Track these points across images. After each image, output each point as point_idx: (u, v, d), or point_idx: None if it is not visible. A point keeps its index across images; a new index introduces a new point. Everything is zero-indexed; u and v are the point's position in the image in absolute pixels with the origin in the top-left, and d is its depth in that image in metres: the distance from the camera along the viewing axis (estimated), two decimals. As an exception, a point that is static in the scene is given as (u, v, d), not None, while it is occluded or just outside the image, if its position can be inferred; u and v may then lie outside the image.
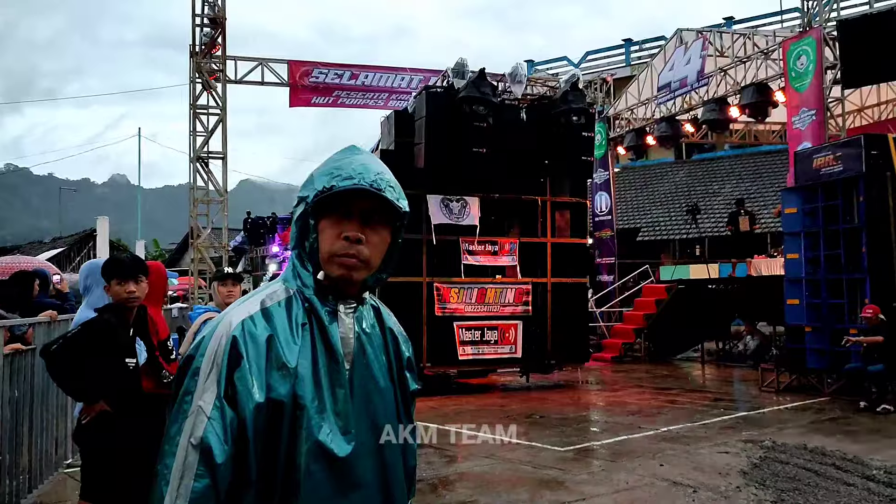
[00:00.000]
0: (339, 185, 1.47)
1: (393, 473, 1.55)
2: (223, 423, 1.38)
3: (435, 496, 6.02)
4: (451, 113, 11.36)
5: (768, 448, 7.46)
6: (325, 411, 1.45)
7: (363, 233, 1.50)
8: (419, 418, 9.59)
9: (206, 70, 13.63)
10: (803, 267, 11.27)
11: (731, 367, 15.24)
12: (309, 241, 1.51)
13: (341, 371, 1.49)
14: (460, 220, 11.89)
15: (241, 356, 1.41)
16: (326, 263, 1.50)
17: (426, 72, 18.60)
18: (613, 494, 5.95)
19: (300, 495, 1.41)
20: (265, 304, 1.49)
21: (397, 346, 1.66)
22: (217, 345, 1.43)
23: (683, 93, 16.83)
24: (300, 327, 1.48)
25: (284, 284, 1.55)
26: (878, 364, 9.63)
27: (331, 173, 1.50)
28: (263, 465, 1.41)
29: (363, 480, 1.48)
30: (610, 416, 9.95)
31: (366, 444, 1.50)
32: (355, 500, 1.47)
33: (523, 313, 12.19)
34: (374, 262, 1.53)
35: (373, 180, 1.49)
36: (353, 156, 1.55)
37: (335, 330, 1.51)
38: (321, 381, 1.46)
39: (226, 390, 1.39)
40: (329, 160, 1.57)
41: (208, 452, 1.36)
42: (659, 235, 24.67)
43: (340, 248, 1.49)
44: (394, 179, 1.56)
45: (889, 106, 17.95)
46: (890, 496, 5.70)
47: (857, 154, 10.58)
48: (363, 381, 1.53)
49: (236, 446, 1.38)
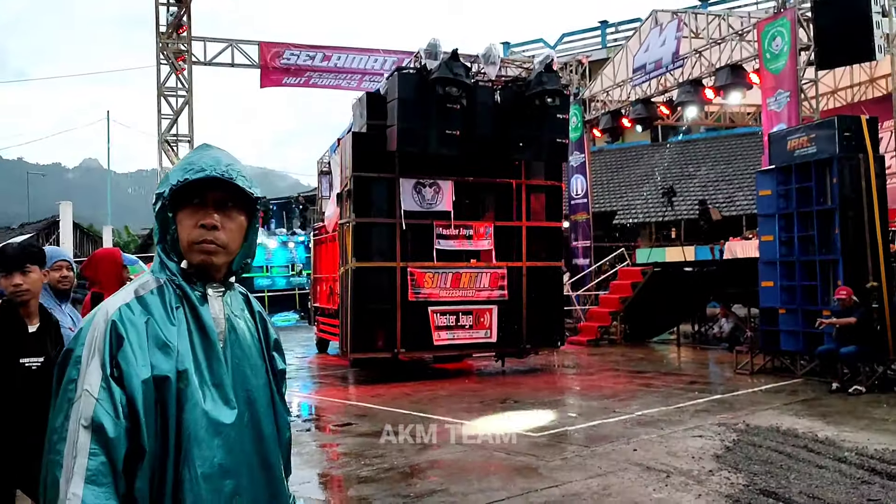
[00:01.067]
0: (192, 177, 1.57)
1: (270, 444, 1.68)
2: (112, 401, 1.45)
3: (405, 485, 5.91)
4: (423, 94, 11.04)
5: (741, 431, 7.44)
6: (206, 384, 1.56)
7: (219, 220, 1.61)
8: (394, 404, 9.53)
9: (172, 51, 13.28)
10: (777, 249, 11.27)
11: (706, 350, 15.30)
12: (170, 233, 1.61)
13: (216, 348, 1.60)
14: (433, 205, 11.71)
15: (123, 338, 1.49)
16: (187, 252, 1.61)
17: (400, 53, 18.36)
18: (586, 480, 5.88)
19: (192, 462, 1.51)
20: (139, 293, 1.58)
21: (266, 328, 1.79)
22: (95, 332, 1.50)
23: (658, 74, 16.75)
24: (174, 310, 1.58)
25: (154, 275, 1.63)
26: (850, 346, 9.65)
27: (184, 168, 1.60)
28: (155, 437, 1.49)
29: (246, 448, 1.61)
30: (585, 401, 9.91)
31: (244, 416, 1.61)
32: (241, 467, 1.59)
33: (498, 298, 12.06)
34: (232, 247, 1.64)
35: (223, 170, 1.60)
36: (205, 151, 1.66)
37: (206, 311, 1.62)
38: (199, 357, 1.57)
39: (111, 371, 1.47)
40: (183, 158, 1.67)
41: (100, 429, 1.42)
42: (635, 218, 24.69)
43: (198, 235, 1.59)
44: (245, 170, 1.66)
45: (862, 88, 18.00)
46: (861, 478, 5.68)
47: (830, 135, 10.56)
48: (237, 359, 1.64)
49: (128, 421, 1.45)
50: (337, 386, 11.67)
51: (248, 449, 1.61)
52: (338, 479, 6.38)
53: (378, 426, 8.23)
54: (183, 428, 1.51)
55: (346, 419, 8.83)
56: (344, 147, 12.16)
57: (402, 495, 5.62)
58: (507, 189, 12.38)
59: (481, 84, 11.96)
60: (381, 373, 12.03)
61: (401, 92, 11.07)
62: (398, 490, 5.76)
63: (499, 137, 11.71)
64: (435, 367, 13.05)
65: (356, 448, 7.24)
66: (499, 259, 12.16)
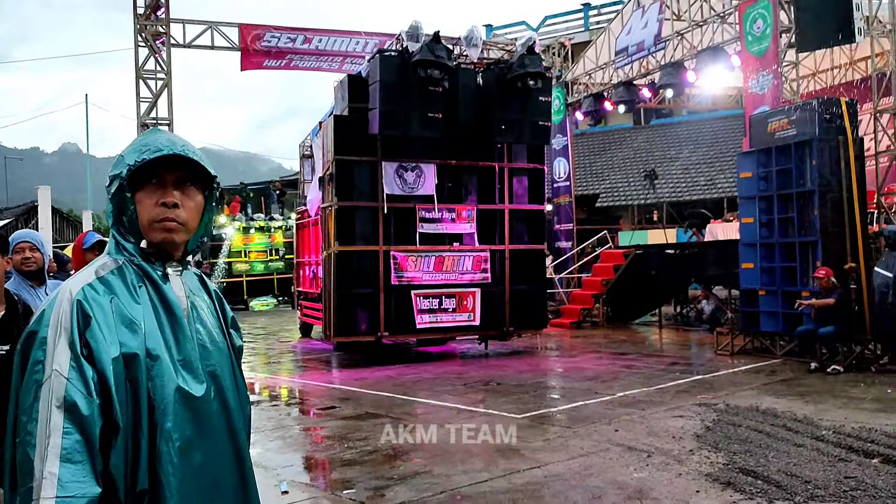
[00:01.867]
0: (150, 157, 1.59)
1: (235, 417, 1.72)
2: (83, 379, 1.45)
3: (389, 467, 5.93)
4: (405, 77, 10.96)
5: (721, 411, 7.53)
6: (175, 360, 1.58)
7: (179, 198, 1.64)
8: (378, 388, 9.55)
9: (150, 33, 13.09)
10: (758, 231, 11.36)
11: (687, 332, 15.43)
12: (127, 214, 1.62)
13: (182, 324, 1.63)
14: (415, 189, 11.71)
15: (90, 316, 1.50)
16: (148, 230, 1.63)
17: (382, 35, 18.21)
18: (568, 461, 5.93)
19: (168, 435, 1.52)
20: (99, 273, 1.60)
21: (223, 306, 1.83)
22: (60, 312, 1.50)
23: (641, 57, 16.76)
24: (137, 289, 1.60)
25: (111, 257, 1.65)
26: (828, 326, 9.77)
27: (139, 150, 1.61)
28: (129, 412, 1.50)
29: (214, 421, 1.64)
30: (567, 383, 9.97)
31: (211, 390, 1.65)
32: (209, 439, 1.62)
33: (481, 280, 12.11)
34: (191, 225, 1.68)
35: (181, 150, 1.63)
36: (158, 134, 1.68)
37: (170, 289, 1.65)
38: (166, 334, 1.59)
39: (81, 350, 1.47)
40: (135, 141, 1.68)
41: (73, 408, 1.42)
42: (617, 201, 24.77)
43: (158, 213, 1.62)
44: (199, 151, 1.69)
45: (842, 70, 18.10)
46: (838, 456, 5.76)
47: (810, 118, 10.63)
48: (200, 335, 1.68)
49: (101, 398, 1.46)
50: (321, 370, 11.67)
51: (217, 422, 1.65)
52: (321, 461, 6.39)
53: (361, 409, 8.25)
54: (156, 403, 1.52)
55: (329, 402, 8.84)
56: (326, 130, 12.10)
57: (385, 477, 5.65)
58: (490, 172, 12.38)
59: (463, 66, 11.96)
60: (364, 356, 12.05)
61: (382, 74, 10.99)
62: (382, 472, 5.79)
63: (481, 120, 11.69)
64: (419, 351, 13.08)
65: (340, 431, 7.26)
66: (481, 242, 12.19)
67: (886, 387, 8.69)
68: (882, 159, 12.71)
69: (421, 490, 5.30)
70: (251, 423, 1.91)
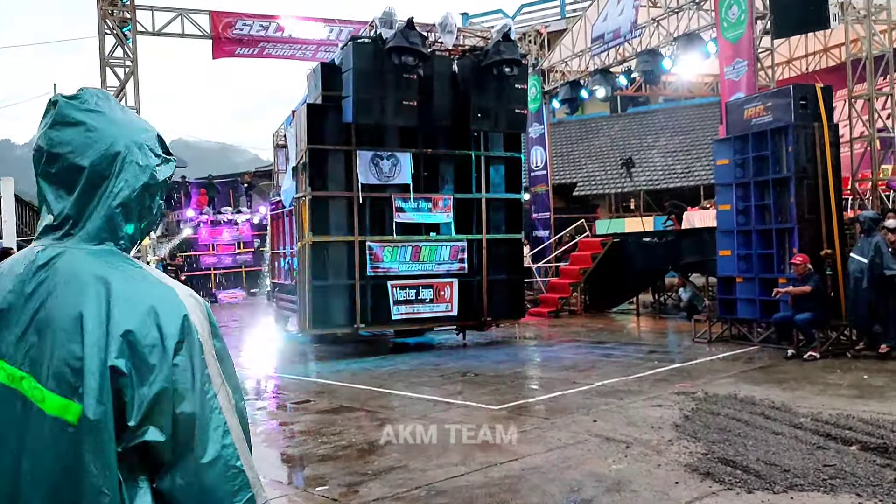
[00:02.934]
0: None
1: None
2: None
3: (363, 462, 5.80)
4: (379, 64, 10.78)
5: (700, 399, 7.48)
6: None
7: None
8: (354, 380, 9.40)
9: (117, 20, 12.77)
10: (735, 218, 11.34)
11: (665, 319, 15.44)
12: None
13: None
14: (391, 178, 11.55)
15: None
16: None
17: (356, 23, 17.96)
18: (546, 453, 5.83)
19: None
20: None
21: None
22: None
23: (617, 44, 16.66)
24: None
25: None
26: (805, 313, 9.77)
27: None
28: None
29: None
30: (545, 373, 9.90)
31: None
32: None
33: (459, 271, 12.01)
34: None
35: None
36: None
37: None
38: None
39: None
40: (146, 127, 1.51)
41: None
42: (595, 189, 24.76)
43: None
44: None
45: (816, 57, 18.16)
46: (817, 444, 5.72)
47: (786, 104, 10.60)
48: None
49: None
50: (296, 362, 11.50)
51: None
52: (295, 457, 6.24)
53: (337, 403, 8.11)
54: None
55: (304, 396, 8.69)
56: (299, 119, 11.89)
57: (359, 473, 5.52)
58: (467, 161, 12.24)
59: (438, 53, 11.77)
60: (341, 348, 11.90)
61: (356, 62, 10.79)
62: (356, 468, 5.66)
63: (457, 108, 11.54)
64: (396, 342, 12.94)
65: (314, 425, 7.11)
66: (458, 232, 12.06)
67: (862, 372, 8.70)
68: (857, 145, 12.74)
69: (395, 486, 5.18)
70: None
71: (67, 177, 1.40)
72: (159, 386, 1.26)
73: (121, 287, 1.32)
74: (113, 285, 1.32)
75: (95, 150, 1.40)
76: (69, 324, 1.28)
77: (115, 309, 1.29)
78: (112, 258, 1.39)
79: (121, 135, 1.43)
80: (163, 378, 1.27)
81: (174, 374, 1.28)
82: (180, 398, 1.27)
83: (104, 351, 1.26)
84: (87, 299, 1.30)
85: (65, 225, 1.40)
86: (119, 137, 1.42)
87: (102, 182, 1.40)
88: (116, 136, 1.42)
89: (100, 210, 1.40)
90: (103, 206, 1.40)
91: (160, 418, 1.26)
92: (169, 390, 1.27)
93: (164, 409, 1.27)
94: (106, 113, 1.44)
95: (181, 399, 1.27)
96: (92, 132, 1.41)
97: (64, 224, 1.40)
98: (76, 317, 1.28)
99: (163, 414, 1.26)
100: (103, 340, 1.27)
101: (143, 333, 1.28)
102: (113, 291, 1.31)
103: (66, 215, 1.40)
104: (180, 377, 1.28)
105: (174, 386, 1.27)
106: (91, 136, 1.40)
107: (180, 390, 1.28)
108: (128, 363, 1.26)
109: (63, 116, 1.42)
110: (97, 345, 1.26)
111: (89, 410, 1.23)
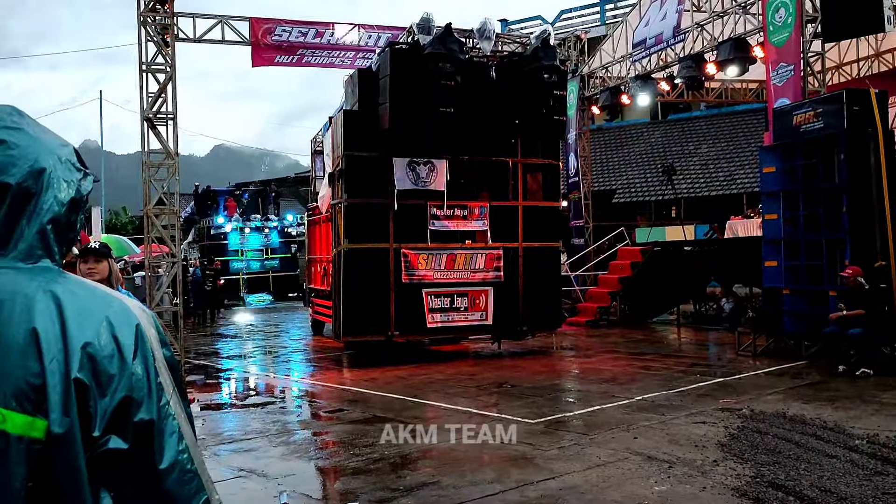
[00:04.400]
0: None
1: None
2: None
3: (395, 476, 5.63)
4: (416, 71, 10.63)
5: (746, 417, 7.16)
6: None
7: None
8: (388, 389, 9.24)
9: (158, 26, 12.87)
10: (782, 228, 10.95)
11: (706, 331, 15.03)
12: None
13: None
14: (427, 184, 11.44)
15: None
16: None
17: (395, 29, 17.89)
18: (585, 472, 5.60)
19: None
20: None
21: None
22: None
23: (659, 49, 16.31)
24: None
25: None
26: (857, 327, 9.36)
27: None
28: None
29: None
30: (583, 385, 9.65)
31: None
32: None
33: (494, 279, 11.83)
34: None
35: None
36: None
37: None
38: None
39: None
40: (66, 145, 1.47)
41: None
42: (634, 197, 24.35)
43: None
44: None
45: (867, 62, 17.58)
46: (874, 469, 5.40)
47: (838, 110, 10.20)
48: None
49: None
50: (330, 370, 11.40)
51: None
52: (326, 470, 6.11)
53: (370, 413, 7.97)
54: None
55: (338, 405, 8.57)
56: (336, 126, 11.86)
57: (390, 488, 5.35)
58: (504, 168, 12.07)
59: (476, 60, 11.62)
60: (376, 355, 11.76)
61: (393, 68, 10.67)
62: (387, 482, 5.49)
63: (495, 115, 11.36)
64: (431, 350, 12.78)
65: (346, 436, 6.97)
66: (494, 240, 11.89)
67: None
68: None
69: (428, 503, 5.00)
70: None
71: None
72: (121, 395, 1.27)
73: (71, 301, 1.31)
74: (63, 299, 1.31)
75: (20, 167, 1.36)
76: (22, 340, 1.26)
77: (70, 322, 1.29)
78: (52, 274, 1.36)
79: (43, 151, 1.40)
80: (123, 387, 1.28)
81: (132, 383, 1.29)
82: (138, 406, 1.29)
83: (65, 364, 1.25)
84: (39, 315, 1.28)
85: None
86: (42, 153, 1.39)
87: (30, 200, 1.36)
88: (39, 153, 1.38)
89: (31, 228, 1.36)
90: (34, 224, 1.36)
91: (122, 427, 1.27)
92: (128, 398, 1.28)
93: (125, 417, 1.28)
94: (24, 129, 1.40)
95: (139, 406, 1.29)
96: (13, 150, 1.36)
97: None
98: (29, 332, 1.26)
99: (124, 422, 1.28)
100: (62, 354, 1.26)
101: (101, 345, 1.29)
102: (64, 305, 1.30)
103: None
104: (137, 385, 1.29)
105: (133, 394, 1.29)
106: (13, 154, 1.36)
107: (137, 398, 1.29)
108: (89, 375, 1.26)
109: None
110: (56, 359, 1.25)
111: (55, 425, 1.22)
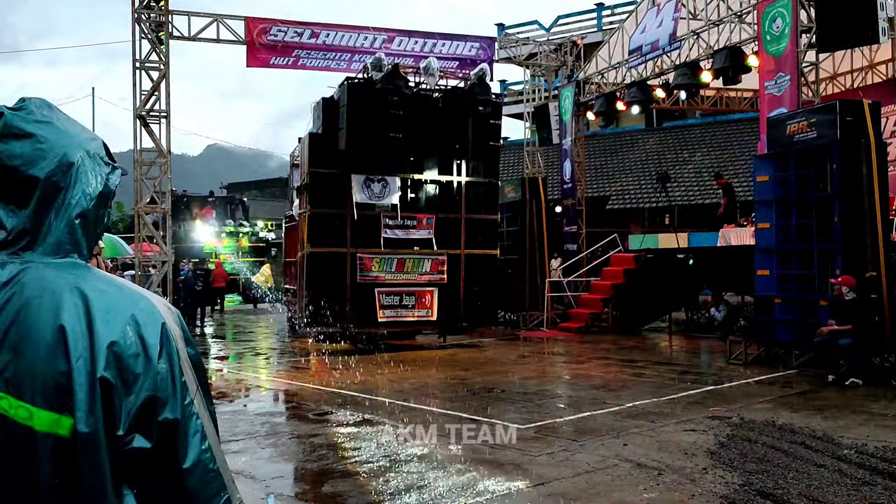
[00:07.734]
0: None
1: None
2: None
3: (382, 480, 5.59)
4: (370, 102, 12.41)
5: (736, 425, 7.15)
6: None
7: None
8: (378, 393, 9.18)
9: (152, 23, 12.80)
10: (774, 237, 10.96)
11: (698, 339, 15.04)
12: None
13: None
14: (381, 199, 13.02)
15: None
16: None
17: (391, 31, 17.88)
18: (573, 478, 5.57)
19: None
20: None
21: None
22: None
23: (655, 56, 16.36)
24: None
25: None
26: (847, 337, 9.37)
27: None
28: None
29: None
30: (574, 391, 9.62)
31: None
32: None
33: (439, 281, 13.47)
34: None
35: None
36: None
37: None
38: None
39: None
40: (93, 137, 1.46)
41: None
42: (628, 204, 24.37)
43: None
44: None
45: (861, 73, 17.67)
46: (863, 478, 5.38)
47: (831, 120, 10.22)
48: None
49: None
50: (318, 371, 11.35)
51: None
52: (314, 473, 6.06)
53: (358, 416, 7.93)
54: None
55: (326, 408, 8.51)
56: (303, 146, 13.59)
57: (377, 491, 5.31)
58: (449, 185, 13.77)
59: (422, 93, 13.38)
60: (362, 357, 11.84)
61: (349, 100, 12.46)
62: (374, 486, 5.44)
63: (438, 139, 13.24)
64: (419, 355, 12.78)
65: (335, 439, 6.93)
66: (440, 247, 13.50)
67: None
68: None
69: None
70: None
71: (18, 191, 1.33)
72: (145, 394, 1.26)
73: (98, 298, 1.29)
74: (90, 297, 1.29)
75: (49, 161, 1.34)
76: (50, 338, 1.24)
77: (97, 320, 1.27)
78: (80, 270, 1.33)
79: (72, 144, 1.38)
80: (148, 386, 1.27)
81: (157, 382, 1.28)
82: (163, 405, 1.28)
83: (91, 363, 1.24)
84: (66, 312, 1.26)
85: (20, 240, 1.33)
86: (70, 147, 1.37)
87: (58, 194, 1.34)
88: (68, 146, 1.37)
89: (59, 222, 1.34)
90: (62, 218, 1.34)
91: (146, 426, 1.27)
92: (153, 398, 1.27)
93: (150, 416, 1.27)
94: (53, 123, 1.38)
95: (164, 406, 1.28)
96: (42, 143, 1.35)
97: (19, 239, 1.33)
98: (56, 330, 1.25)
99: (148, 421, 1.27)
100: (88, 353, 1.24)
101: (127, 344, 1.27)
102: (91, 303, 1.28)
103: (21, 230, 1.33)
104: (162, 385, 1.28)
105: (157, 393, 1.28)
106: (42, 148, 1.34)
107: (162, 397, 1.28)
108: (114, 374, 1.25)
109: (10, 129, 1.35)
110: (83, 357, 1.24)
111: (81, 423, 1.22)
